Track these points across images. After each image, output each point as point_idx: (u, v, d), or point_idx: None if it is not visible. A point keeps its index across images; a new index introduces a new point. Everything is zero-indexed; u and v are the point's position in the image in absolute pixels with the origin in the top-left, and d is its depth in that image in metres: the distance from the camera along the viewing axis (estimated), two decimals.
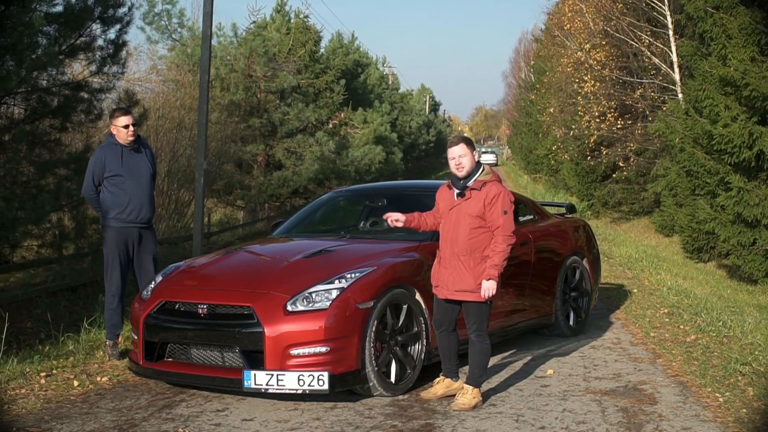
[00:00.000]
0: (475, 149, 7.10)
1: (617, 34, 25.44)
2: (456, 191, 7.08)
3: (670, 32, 23.61)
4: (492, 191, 6.86)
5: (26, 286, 12.82)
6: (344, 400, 6.99)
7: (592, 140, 27.99)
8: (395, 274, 7.25)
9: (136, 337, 7.40)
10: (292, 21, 29.64)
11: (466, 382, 7.00)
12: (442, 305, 7.10)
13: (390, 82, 55.80)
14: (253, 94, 24.28)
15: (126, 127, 8.50)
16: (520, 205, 9.64)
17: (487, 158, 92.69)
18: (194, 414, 6.71)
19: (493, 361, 8.43)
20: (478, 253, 6.86)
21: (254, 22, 26.90)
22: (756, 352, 8.41)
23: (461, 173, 6.97)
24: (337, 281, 6.95)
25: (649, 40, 24.65)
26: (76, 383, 7.53)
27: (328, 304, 6.76)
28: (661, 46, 24.35)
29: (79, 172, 12.38)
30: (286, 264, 7.45)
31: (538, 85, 41.07)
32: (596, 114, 26.96)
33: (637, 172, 27.08)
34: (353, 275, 7.01)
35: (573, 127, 29.22)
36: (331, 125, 29.29)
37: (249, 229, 23.50)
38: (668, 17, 23.59)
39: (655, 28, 24.62)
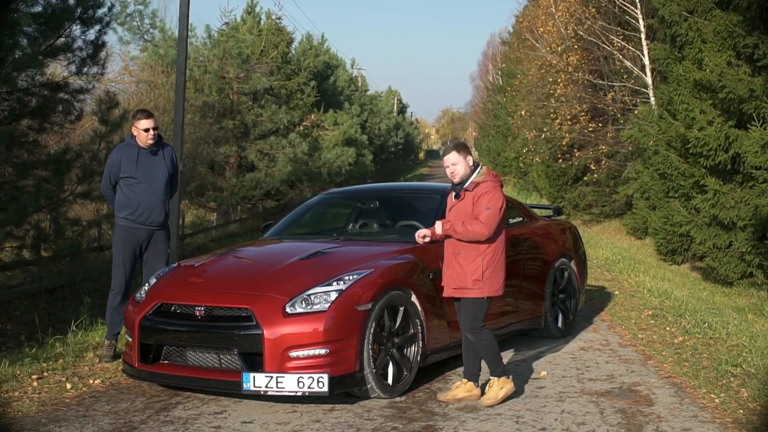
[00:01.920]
0: (470, 154, 7.16)
1: (589, 38, 25.57)
2: (453, 194, 7.20)
3: (642, 36, 23.78)
4: (481, 189, 6.99)
5: (3, 288, 12.66)
6: (342, 402, 6.98)
7: (564, 143, 28.11)
8: (392, 276, 7.25)
9: (130, 340, 7.34)
10: (263, 22, 29.57)
11: (490, 375, 7.11)
12: (456, 305, 7.27)
13: (359, 84, 55.79)
14: (226, 95, 24.18)
15: (147, 130, 8.49)
16: (511, 207, 9.66)
17: None
18: (192, 416, 6.66)
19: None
20: (473, 251, 6.96)
21: (226, 23, 26.77)
22: (744, 354, 8.50)
23: (455, 180, 7.10)
24: (335, 283, 6.93)
25: (621, 44, 24.81)
26: (68, 386, 7.46)
27: (327, 306, 6.74)
28: (633, 50, 24.51)
29: (58, 174, 12.27)
30: (282, 266, 7.42)
31: (508, 88, 41.17)
32: (568, 117, 27.08)
33: (608, 174, 27.22)
34: (351, 277, 7.01)
35: (545, 129, 29.33)
36: (302, 127, 29.22)
37: (222, 231, 23.37)
38: (640, 21, 23.75)
39: (627, 32, 24.79)
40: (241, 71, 23.91)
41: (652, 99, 22.74)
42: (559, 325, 9.69)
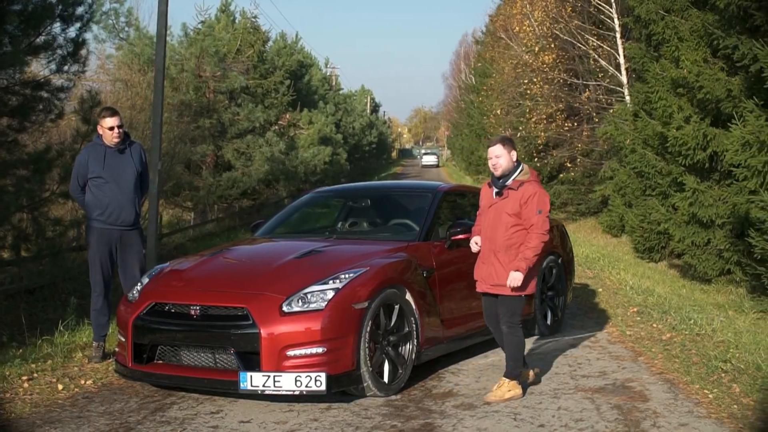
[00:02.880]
0: (514, 149, 7.25)
1: (565, 37, 25.70)
2: (495, 190, 7.27)
3: (617, 35, 23.94)
4: (528, 191, 7.06)
5: None
6: (338, 401, 6.97)
7: (539, 142, 28.23)
8: (388, 275, 7.26)
9: (123, 340, 7.29)
10: (237, 21, 29.48)
11: (504, 375, 7.15)
12: (485, 300, 7.36)
13: (333, 83, 55.74)
14: (203, 94, 24.08)
15: (112, 129, 8.39)
16: None
17: (429, 159, 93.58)
18: (189, 416, 6.63)
19: (479, 361, 8.51)
20: (513, 250, 7.06)
21: (202, 21, 26.69)
22: (731, 350, 8.57)
23: (497, 173, 7.19)
24: (331, 282, 6.93)
25: (597, 43, 24.96)
26: (60, 387, 7.41)
27: (324, 304, 6.73)
28: (609, 49, 24.67)
29: (38, 173, 12.18)
30: (277, 264, 7.40)
31: (485, 88, 41.27)
32: (544, 116, 27.21)
33: (583, 173, 27.38)
34: (347, 276, 7.00)
35: (520, 128, 29.45)
36: (277, 126, 29.18)
37: (199, 231, 23.28)
38: (615, 20, 23.91)
39: (602, 31, 24.94)
40: (218, 70, 23.85)
41: (628, 98, 22.88)
42: (548, 322, 9.74)
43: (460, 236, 8.14)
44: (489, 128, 37.69)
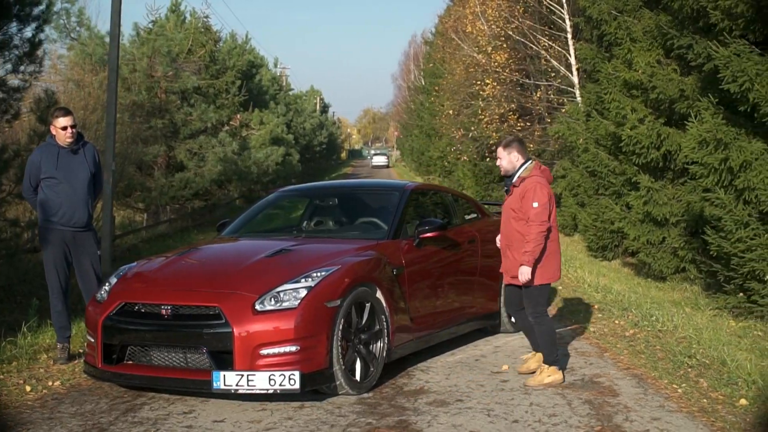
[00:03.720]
0: (516, 150, 7.63)
1: (517, 37, 25.87)
2: (505, 188, 7.77)
3: (569, 36, 24.14)
4: (527, 186, 7.46)
5: None
6: (311, 400, 6.96)
7: (491, 142, 28.38)
8: (359, 273, 7.27)
9: (93, 340, 7.21)
10: (187, 21, 29.26)
11: (542, 362, 7.54)
12: (507, 289, 8.04)
13: (283, 84, 55.55)
14: (155, 94, 23.86)
15: (65, 128, 8.29)
16: (466, 203, 9.78)
17: (379, 160, 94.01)
18: (161, 417, 6.58)
19: (447, 359, 8.54)
20: (520, 244, 7.48)
21: (153, 21, 26.45)
22: (694, 346, 8.71)
23: (502, 173, 7.71)
24: (303, 280, 6.92)
25: (548, 44, 25.15)
26: (28, 388, 7.34)
27: (296, 303, 6.72)
28: (560, 49, 24.87)
29: None
30: (248, 263, 7.37)
31: (436, 88, 41.38)
32: (496, 116, 27.36)
33: None
34: (319, 274, 7.00)
35: (472, 128, 29.59)
36: (229, 126, 29.02)
37: (152, 232, 23.07)
38: (567, 21, 24.10)
39: (554, 32, 25.14)
40: (170, 70, 23.65)
41: (579, 98, 23.09)
42: (513, 319, 9.80)
43: (429, 234, 8.19)
44: (440, 129, 37.84)
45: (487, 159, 29.89)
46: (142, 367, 7.00)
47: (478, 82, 28.50)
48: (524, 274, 7.35)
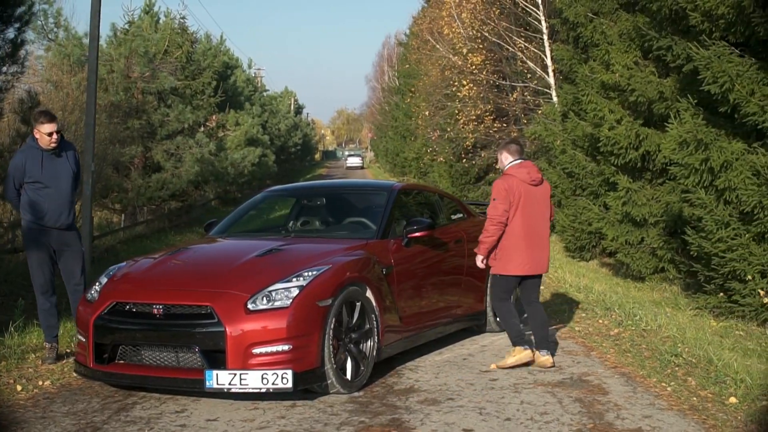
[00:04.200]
0: (507, 152, 8.27)
1: (493, 39, 25.95)
2: None
3: (545, 37, 24.25)
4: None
5: None
6: (302, 399, 6.97)
7: (467, 143, 28.47)
8: (349, 272, 7.30)
9: (84, 340, 7.19)
10: (161, 22, 29.16)
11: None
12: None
13: (258, 85, 55.43)
14: (132, 95, 23.75)
15: (50, 134, 8.23)
16: (452, 203, 9.83)
17: (354, 161, 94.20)
18: (154, 416, 6.57)
19: (435, 358, 8.58)
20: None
21: (129, 22, 26.33)
22: (679, 345, 8.78)
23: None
24: (295, 279, 6.93)
25: (525, 45, 25.25)
26: (19, 387, 7.31)
27: (289, 302, 6.73)
28: (536, 51, 24.97)
29: None
30: (239, 263, 7.37)
31: (412, 90, 41.43)
32: (473, 117, 27.43)
33: None
34: (311, 273, 7.01)
35: (448, 129, 29.67)
36: (205, 127, 28.93)
37: (129, 233, 22.96)
38: (543, 22, 24.21)
39: (530, 33, 25.24)
40: (147, 70, 23.52)
41: (555, 99, 23.20)
42: (498, 319, 9.84)
43: (417, 234, 8.23)
44: (416, 130, 37.90)
45: (464, 160, 29.97)
46: (134, 366, 6.99)
47: (455, 84, 28.57)
48: (477, 261, 8.25)
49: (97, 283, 7.57)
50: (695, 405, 6.71)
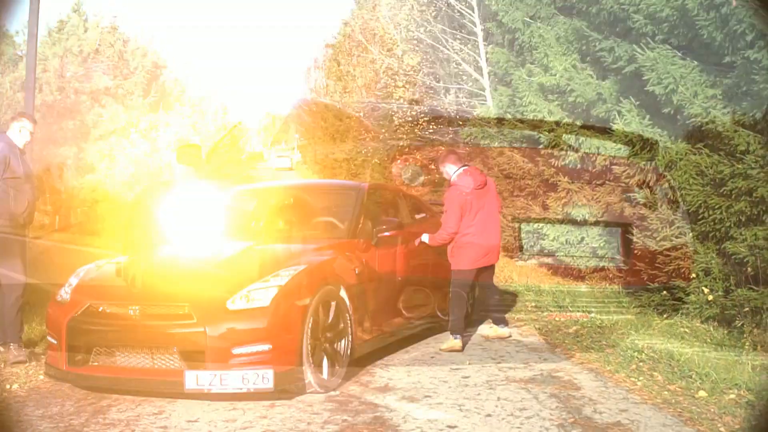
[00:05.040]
0: (447, 161, 9.22)
1: (429, 41, 26.10)
2: None
3: (480, 40, 24.47)
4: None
5: None
6: (280, 398, 6.96)
7: (402, 144, 28.54)
8: (325, 272, 7.34)
9: (56, 342, 7.08)
10: (88, 21, 28.74)
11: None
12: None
13: (186, 85, 54.75)
14: (66, 95, 23.38)
15: (32, 133, 8.26)
16: (415, 203, 9.93)
17: (282, 162, 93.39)
18: (132, 418, 6.52)
19: (402, 356, 8.66)
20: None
21: (61, 20, 25.93)
22: (636, 340, 8.99)
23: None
24: (272, 279, 6.92)
25: (460, 47, 25.44)
26: None
27: (268, 302, 6.72)
28: (471, 53, 25.18)
29: None
30: (215, 262, 7.35)
31: (348, 90, 41.38)
32: (409, 118, 27.55)
33: None
34: (288, 273, 7.01)
35: (382, 131, 29.72)
36: (137, 128, 28.60)
37: (65, 236, 22.56)
38: (478, 26, 24.43)
39: (464, 35, 25.44)
40: (81, 70, 23.18)
41: (490, 101, 23.43)
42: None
43: (386, 233, 8.31)
44: (347, 132, 37.85)
45: (398, 161, 30.03)
46: (111, 368, 6.88)
47: (389, 86, 28.64)
48: (422, 237, 9.21)
49: (67, 284, 7.47)
50: (668, 399, 6.88)
